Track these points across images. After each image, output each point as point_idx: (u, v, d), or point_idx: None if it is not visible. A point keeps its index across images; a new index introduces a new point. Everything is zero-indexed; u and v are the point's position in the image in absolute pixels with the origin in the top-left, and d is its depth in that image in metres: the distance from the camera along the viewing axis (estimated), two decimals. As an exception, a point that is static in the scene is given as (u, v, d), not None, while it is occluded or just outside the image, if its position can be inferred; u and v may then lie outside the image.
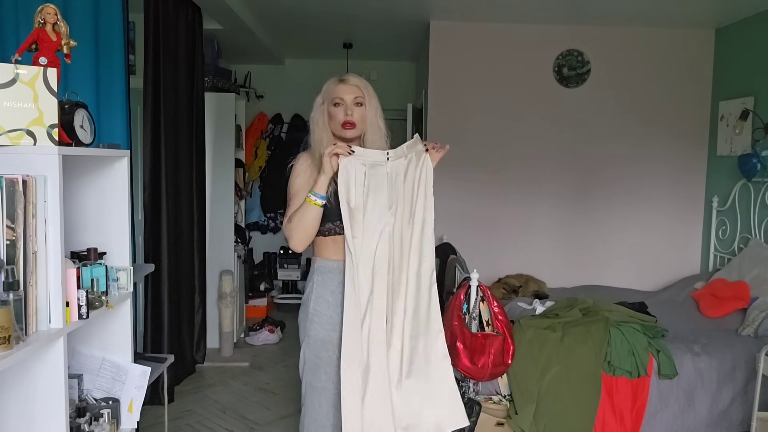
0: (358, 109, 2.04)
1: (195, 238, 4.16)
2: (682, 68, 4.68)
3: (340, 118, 2.03)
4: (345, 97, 2.03)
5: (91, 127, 1.87)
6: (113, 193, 2.04)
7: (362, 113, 2.05)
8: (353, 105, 2.03)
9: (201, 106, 4.15)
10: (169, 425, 3.24)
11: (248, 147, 6.00)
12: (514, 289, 4.30)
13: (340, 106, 2.04)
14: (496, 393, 2.96)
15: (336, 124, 2.05)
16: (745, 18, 4.26)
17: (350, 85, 2.05)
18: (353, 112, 2.03)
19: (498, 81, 4.71)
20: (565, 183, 4.77)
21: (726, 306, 3.65)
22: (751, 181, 4.05)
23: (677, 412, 3.01)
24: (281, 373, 4.38)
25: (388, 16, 4.50)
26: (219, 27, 4.49)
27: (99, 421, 1.96)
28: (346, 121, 2.03)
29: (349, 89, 2.04)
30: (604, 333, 3.02)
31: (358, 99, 2.04)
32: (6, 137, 1.56)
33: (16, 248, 1.52)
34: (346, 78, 2.07)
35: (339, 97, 2.03)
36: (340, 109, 2.04)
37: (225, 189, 4.84)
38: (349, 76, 2.08)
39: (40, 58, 1.68)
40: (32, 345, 1.51)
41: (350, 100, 2.03)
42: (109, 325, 2.10)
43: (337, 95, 2.04)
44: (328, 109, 2.06)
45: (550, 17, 4.44)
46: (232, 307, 4.66)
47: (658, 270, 4.75)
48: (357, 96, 2.04)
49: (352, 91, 2.04)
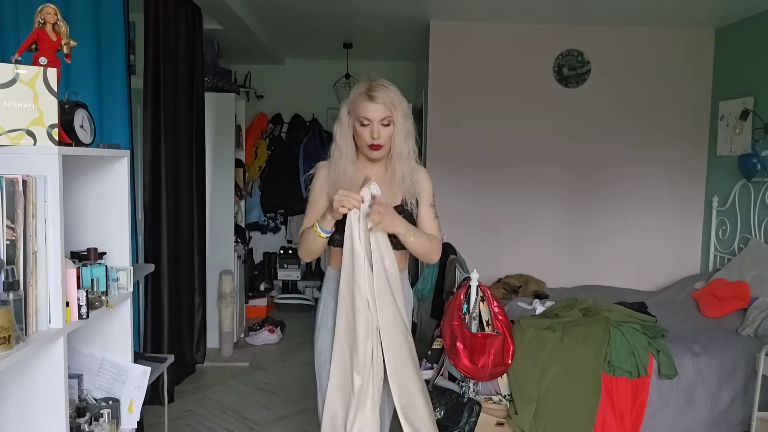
0: (386, 129, 1.97)
1: (195, 238, 4.16)
2: (682, 68, 4.68)
3: (366, 140, 1.97)
4: (372, 116, 1.95)
5: (91, 127, 1.87)
6: (113, 193, 2.04)
7: (390, 133, 1.98)
8: (381, 125, 1.96)
9: (201, 106, 4.15)
10: (169, 425, 3.24)
11: (248, 147, 6.00)
12: (514, 289, 4.30)
13: (367, 126, 1.96)
14: (496, 393, 2.96)
15: (363, 143, 1.99)
16: (745, 18, 4.26)
17: (379, 104, 1.94)
18: (380, 134, 1.96)
19: (498, 81, 4.71)
20: (565, 183, 4.77)
21: (726, 306, 3.65)
22: (751, 181, 4.05)
23: (677, 412, 3.01)
24: (281, 373, 4.37)
25: (388, 16, 4.50)
26: (219, 27, 4.49)
27: (99, 421, 1.96)
28: (372, 144, 1.97)
29: (377, 109, 1.94)
30: (604, 333, 3.02)
31: (386, 119, 1.96)
32: (6, 137, 1.56)
33: (16, 248, 1.52)
34: (375, 95, 1.94)
35: (366, 117, 1.95)
36: (366, 130, 1.96)
37: (225, 189, 4.84)
38: (379, 92, 1.95)
39: (40, 58, 1.68)
40: (32, 345, 1.51)
41: (378, 120, 1.95)
42: (109, 325, 2.10)
43: (364, 114, 1.95)
44: (354, 123, 1.99)
45: (550, 17, 4.44)
46: (232, 307, 4.66)
47: (658, 270, 4.75)
48: (385, 117, 1.95)
49: (380, 112, 1.95)
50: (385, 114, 1.95)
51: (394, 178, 2.04)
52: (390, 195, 2.03)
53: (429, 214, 2.12)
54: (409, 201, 2.06)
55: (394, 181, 2.04)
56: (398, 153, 2.00)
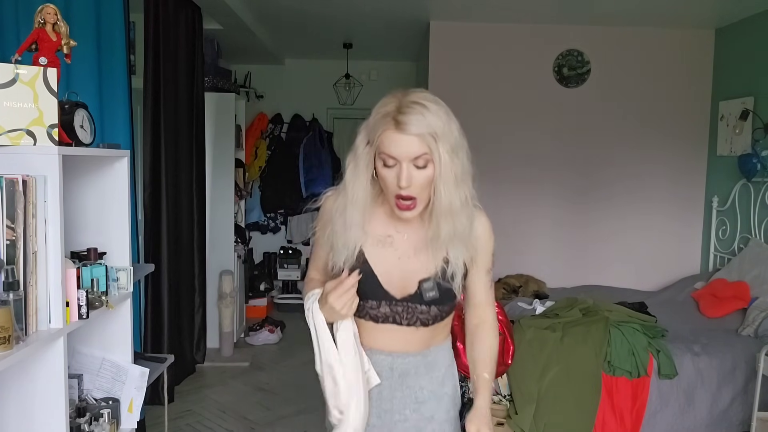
0: (422, 174, 1.31)
1: (195, 238, 4.16)
2: (682, 68, 4.68)
3: (392, 188, 1.33)
4: (400, 154, 1.29)
5: (91, 127, 1.87)
6: (113, 193, 2.04)
7: (428, 178, 1.31)
8: (413, 167, 1.30)
9: (201, 106, 4.15)
10: (169, 425, 3.24)
11: (248, 147, 6.00)
12: (514, 289, 4.30)
13: (392, 168, 1.32)
14: (496, 393, 2.96)
15: (388, 191, 1.36)
16: (745, 18, 4.26)
17: (410, 135, 1.27)
18: (412, 181, 1.30)
19: (498, 81, 4.71)
20: (565, 183, 4.77)
21: (726, 306, 3.65)
22: (751, 181, 4.05)
23: (677, 412, 3.01)
24: (281, 373, 4.37)
25: (388, 16, 4.50)
26: (219, 27, 4.49)
27: (99, 421, 1.96)
28: (400, 195, 1.33)
29: (407, 143, 1.27)
30: (604, 333, 3.02)
31: (420, 159, 1.29)
32: (6, 137, 1.55)
33: (16, 248, 1.52)
34: (405, 122, 1.26)
35: (391, 155, 1.30)
36: (392, 172, 1.32)
37: (225, 189, 4.84)
38: (411, 116, 1.26)
39: (40, 58, 1.68)
40: (32, 345, 1.51)
41: (408, 160, 1.29)
42: (109, 325, 2.10)
43: (388, 152, 1.30)
44: (375, 159, 1.35)
45: (550, 17, 4.44)
46: (232, 307, 4.66)
47: (658, 270, 4.75)
48: (421, 155, 1.29)
49: (412, 148, 1.28)
50: (419, 150, 1.28)
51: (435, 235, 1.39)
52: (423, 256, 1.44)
53: (485, 281, 1.60)
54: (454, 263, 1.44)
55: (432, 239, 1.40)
56: (445, 208, 1.34)
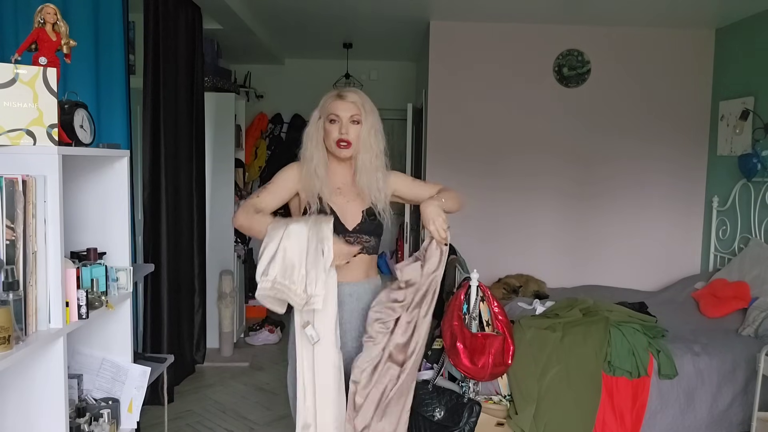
0: (354, 127, 1.99)
1: (195, 238, 4.16)
2: (682, 68, 4.68)
3: (334, 136, 1.98)
4: (341, 114, 1.98)
5: (91, 127, 1.87)
6: (113, 193, 2.04)
7: (358, 131, 1.99)
8: (349, 123, 1.98)
9: (201, 106, 4.15)
10: (169, 425, 3.24)
11: (248, 147, 6.00)
12: (514, 289, 4.30)
13: (335, 123, 1.98)
14: (496, 393, 2.96)
15: (331, 141, 2.00)
16: (745, 18, 4.26)
17: (348, 102, 1.98)
18: (348, 131, 1.98)
19: (498, 81, 4.70)
20: (565, 183, 4.77)
21: (726, 306, 3.64)
22: (751, 181, 4.05)
23: (677, 412, 3.00)
24: (281, 373, 4.37)
25: (388, 16, 4.50)
26: (219, 27, 4.49)
27: (99, 421, 1.96)
28: (340, 138, 1.98)
29: (346, 106, 1.98)
30: (604, 333, 3.02)
31: (354, 117, 1.98)
32: (6, 137, 1.55)
33: (15, 248, 1.51)
34: (345, 94, 2.00)
35: (335, 113, 1.98)
36: (335, 126, 1.98)
37: (225, 189, 4.84)
38: (348, 92, 2.01)
39: (40, 58, 1.68)
40: (32, 345, 1.51)
41: (347, 118, 1.98)
42: (109, 325, 2.10)
43: (333, 111, 1.98)
44: (324, 125, 2.01)
45: (550, 17, 4.44)
46: (232, 307, 4.66)
47: (658, 270, 4.75)
48: (354, 114, 1.98)
49: (350, 109, 1.98)
50: (353, 111, 1.98)
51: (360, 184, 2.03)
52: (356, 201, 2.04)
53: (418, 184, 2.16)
54: (379, 206, 2.04)
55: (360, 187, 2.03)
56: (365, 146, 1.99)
